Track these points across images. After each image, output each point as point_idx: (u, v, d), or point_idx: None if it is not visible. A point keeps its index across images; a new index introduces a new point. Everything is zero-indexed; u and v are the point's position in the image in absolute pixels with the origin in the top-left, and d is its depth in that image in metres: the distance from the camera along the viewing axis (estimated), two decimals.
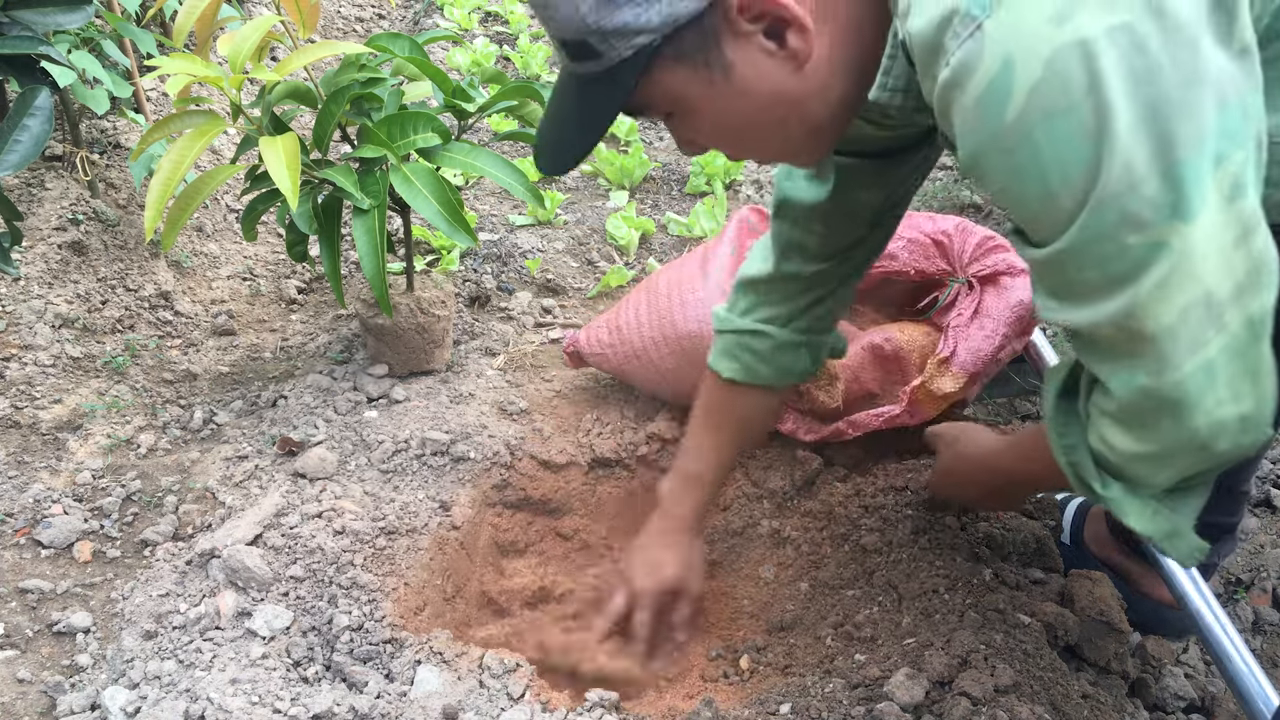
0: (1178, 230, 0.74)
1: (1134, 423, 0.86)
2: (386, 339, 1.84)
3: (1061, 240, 0.78)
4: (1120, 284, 0.77)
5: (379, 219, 1.55)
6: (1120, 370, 0.83)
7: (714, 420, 1.45)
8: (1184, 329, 0.77)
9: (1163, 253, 0.74)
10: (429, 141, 1.59)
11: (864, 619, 1.40)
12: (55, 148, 2.07)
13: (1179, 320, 0.77)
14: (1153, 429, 0.85)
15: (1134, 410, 0.85)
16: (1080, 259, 0.78)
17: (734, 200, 2.75)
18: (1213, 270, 0.75)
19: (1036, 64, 0.72)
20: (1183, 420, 0.82)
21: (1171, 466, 0.88)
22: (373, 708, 1.23)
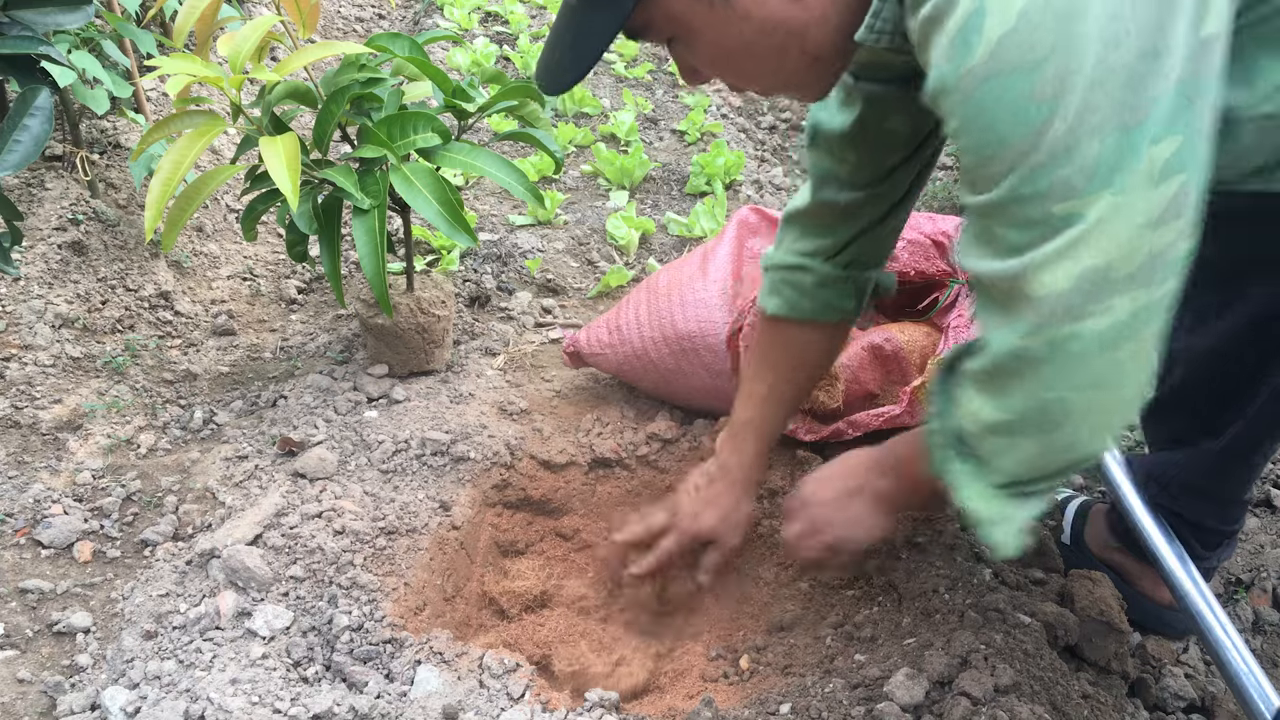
0: (1100, 199, 0.76)
1: (996, 385, 0.89)
2: (386, 339, 1.84)
3: (994, 192, 0.81)
4: (1029, 247, 0.80)
5: (379, 219, 1.55)
6: (1002, 326, 0.85)
7: (765, 361, 1.42)
8: (1071, 297, 0.79)
9: (1077, 221, 0.77)
10: (429, 141, 1.59)
11: (864, 619, 1.40)
12: (55, 148, 2.07)
13: (1069, 287, 0.79)
14: (1013, 393, 0.87)
15: (999, 369, 0.87)
16: (1005, 215, 0.81)
17: (734, 200, 2.75)
18: (1118, 246, 0.77)
19: (1011, 13, 0.74)
20: (1040, 388, 0.84)
21: (1019, 448, 0.90)
22: (373, 708, 1.23)
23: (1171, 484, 1.38)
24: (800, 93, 1.05)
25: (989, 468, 0.95)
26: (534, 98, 1.73)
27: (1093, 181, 0.75)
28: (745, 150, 3.05)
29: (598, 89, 3.39)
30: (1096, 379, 0.82)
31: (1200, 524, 1.39)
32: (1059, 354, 0.82)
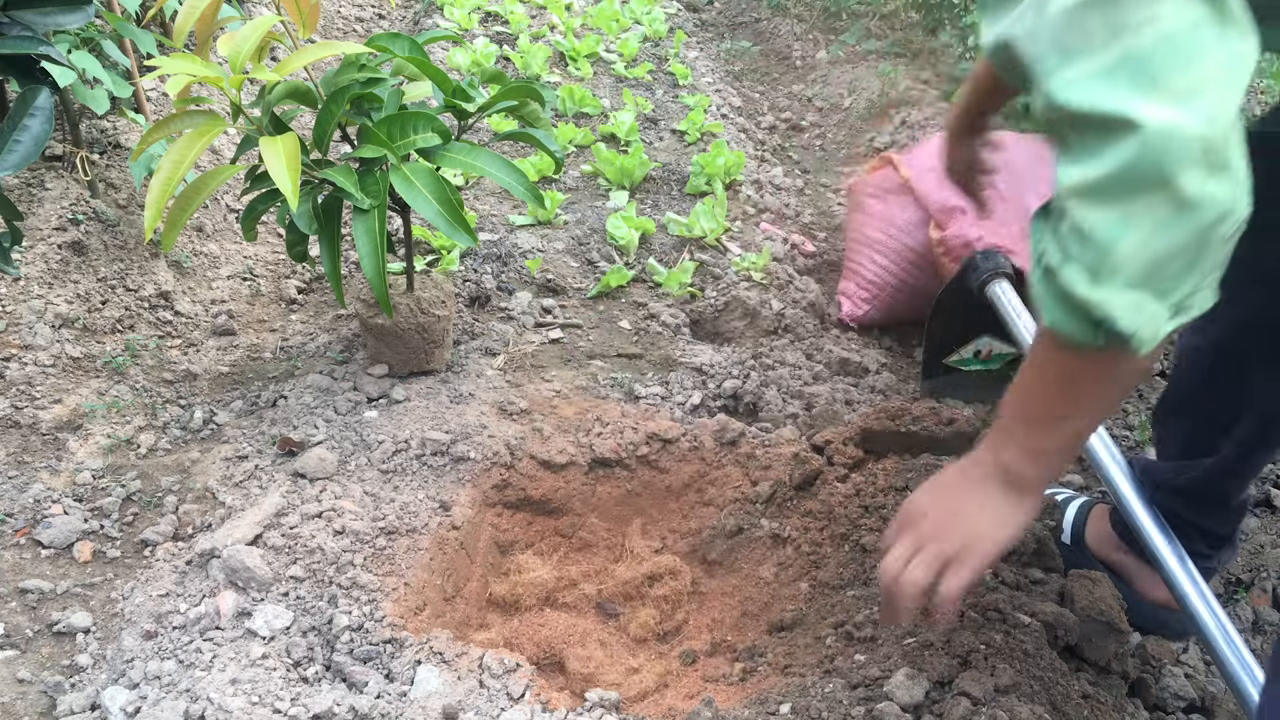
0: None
1: (1090, 132, 0.80)
2: (386, 339, 1.84)
3: None
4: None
5: (379, 219, 1.55)
6: (1090, 60, 0.78)
7: (977, 85, 1.45)
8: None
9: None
10: (429, 141, 1.59)
11: (864, 619, 1.40)
12: (55, 148, 2.07)
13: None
14: (1106, 140, 0.78)
15: (1091, 114, 0.79)
16: None
17: (734, 200, 2.75)
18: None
19: None
20: (1124, 125, 0.76)
21: (1133, 215, 0.79)
22: (373, 708, 1.23)
23: (1169, 485, 1.39)
24: None
25: (1108, 253, 0.81)
26: (534, 98, 1.73)
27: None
28: (745, 150, 3.05)
29: (598, 89, 3.39)
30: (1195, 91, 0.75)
31: (1200, 524, 1.39)
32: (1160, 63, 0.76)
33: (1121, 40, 0.76)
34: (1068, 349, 0.89)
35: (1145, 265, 0.79)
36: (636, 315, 2.25)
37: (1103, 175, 0.78)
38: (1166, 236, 0.78)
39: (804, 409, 1.97)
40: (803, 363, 2.13)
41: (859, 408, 1.99)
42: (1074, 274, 0.83)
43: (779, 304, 2.29)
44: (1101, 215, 0.79)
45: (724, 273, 2.39)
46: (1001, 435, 1.03)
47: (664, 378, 2.02)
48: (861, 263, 2.34)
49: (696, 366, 2.05)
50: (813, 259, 2.62)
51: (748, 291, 2.28)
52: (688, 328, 2.24)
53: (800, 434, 1.86)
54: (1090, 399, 0.93)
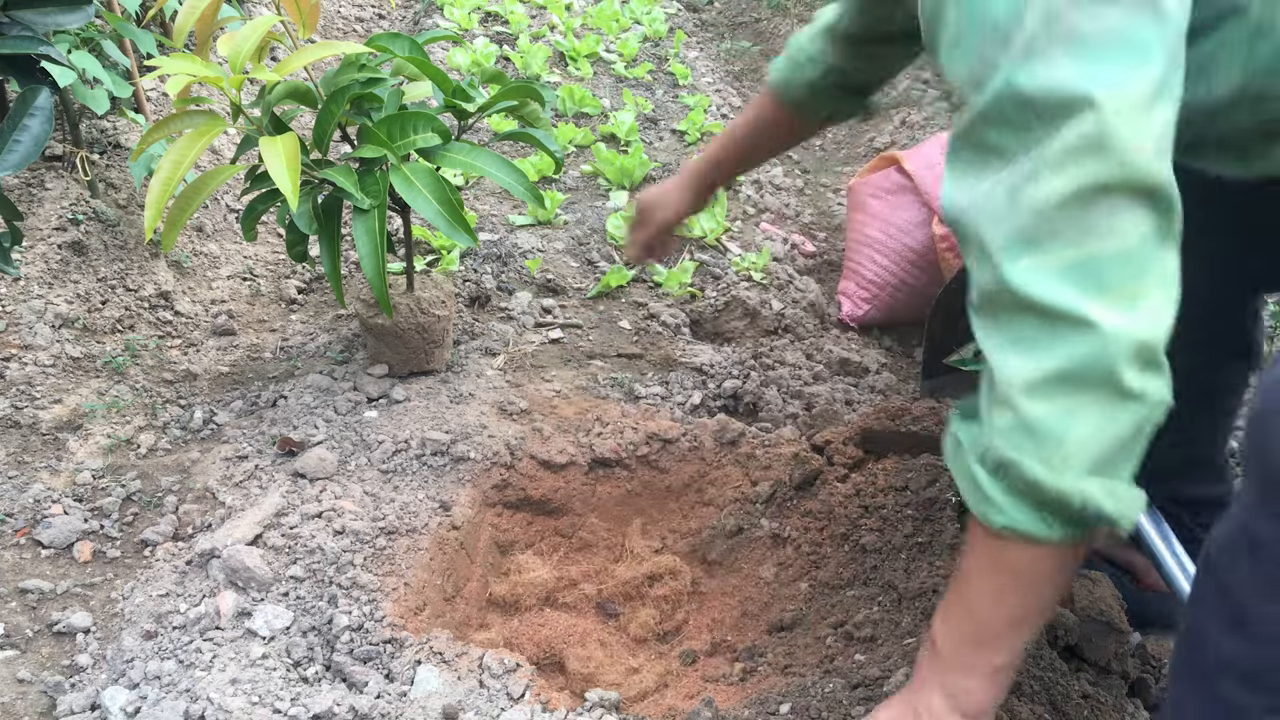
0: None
1: (1037, 322, 0.82)
2: (386, 339, 1.84)
3: (984, 92, 0.83)
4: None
5: (379, 219, 1.55)
6: (1053, 256, 0.82)
7: (748, 118, 1.65)
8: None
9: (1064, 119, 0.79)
10: (429, 141, 1.59)
11: (864, 619, 1.40)
12: (55, 148, 2.07)
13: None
14: (1055, 334, 0.81)
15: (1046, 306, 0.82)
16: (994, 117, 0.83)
17: (734, 200, 2.75)
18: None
19: None
20: (1076, 323, 0.80)
21: (1079, 408, 0.81)
22: (373, 708, 1.23)
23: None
24: None
25: (1064, 455, 0.83)
26: (534, 98, 1.74)
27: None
28: None
29: (598, 89, 3.39)
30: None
31: (1191, 499, 1.40)
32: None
33: (1086, 245, 0.79)
34: (1024, 550, 0.88)
35: (1096, 454, 0.82)
36: (636, 315, 2.25)
37: (1053, 369, 0.81)
38: (1109, 428, 0.82)
39: (804, 409, 1.97)
40: (803, 363, 2.13)
41: (859, 408, 1.99)
42: (1036, 467, 0.83)
43: (779, 304, 2.29)
44: (1049, 408, 0.82)
45: (724, 273, 2.39)
46: (944, 668, 0.97)
47: (664, 378, 2.02)
48: (861, 263, 2.34)
49: (696, 366, 2.05)
50: (813, 259, 2.62)
51: (748, 291, 2.28)
52: (688, 328, 2.24)
53: (800, 434, 1.86)
54: (1046, 598, 0.92)
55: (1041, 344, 0.82)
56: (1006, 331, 0.84)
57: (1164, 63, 0.80)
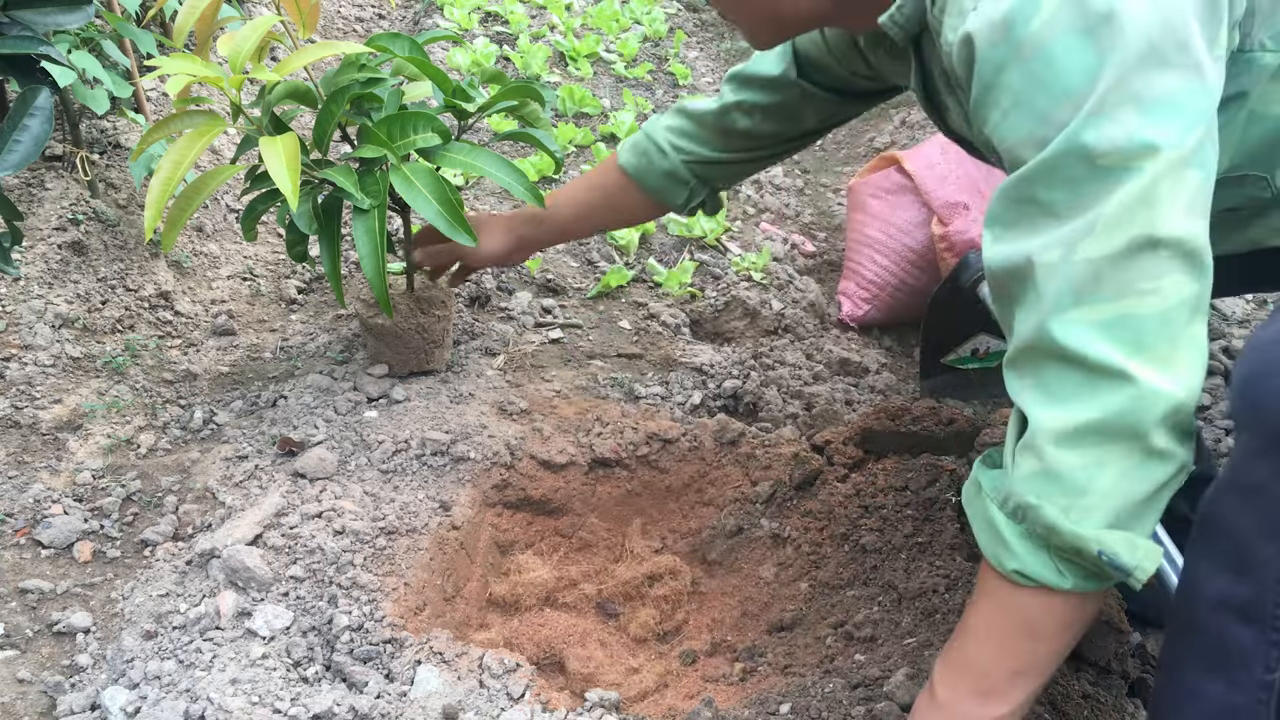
0: (1150, 156, 0.82)
1: (1075, 374, 0.85)
2: (386, 339, 1.84)
3: (1045, 150, 0.85)
4: (1084, 206, 0.84)
5: (379, 219, 1.55)
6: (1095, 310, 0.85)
7: (595, 185, 1.71)
8: (1132, 261, 0.83)
9: (1122, 175, 0.82)
10: (429, 141, 1.59)
11: (864, 619, 1.40)
12: (55, 148, 2.07)
13: (1124, 249, 0.83)
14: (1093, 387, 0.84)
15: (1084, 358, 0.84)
16: (1052, 175, 0.85)
17: (734, 200, 2.75)
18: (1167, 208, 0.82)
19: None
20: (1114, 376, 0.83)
21: (1106, 462, 0.84)
22: (373, 708, 1.23)
23: None
24: (754, 35, 1.20)
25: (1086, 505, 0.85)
26: (534, 97, 1.74)
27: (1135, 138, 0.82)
28: None
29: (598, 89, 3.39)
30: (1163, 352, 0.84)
31: None
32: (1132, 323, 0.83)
33: (1126, 300, 0.83)
34: (1034, 599, 0.90)
35: (1117, 507, 0.85)
36: (636, 315, 2.25)
37: (1086, 420, 0.84)
38: (1132, 483, 0.84)
39: (804, 409, 1.97)
40: (803, 363, 2.13)
41: (859, 408, 1.99)
42: (1056, 514, 0.86)
43: (779, 304, 2.29)
44: (1077, 458, 0.84)
45: (724, 273, 2.39)
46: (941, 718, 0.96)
47: (664, 378, 2.02)
48: (861, 263, 2.34)
49: (696, 366, 2.05)
50: (813, 259, 2.62)
51: (748, 291, 2.28)
52: (688, 328, 2.24)
53: (800, 434, 1.86)
54: (1053, 652, 0.92)
55: (1077, 395, 0.84)
56: (1042, 383, 0.87)
57: (1204, 129, 0.83)
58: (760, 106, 1.48)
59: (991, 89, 0.89)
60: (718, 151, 1.56)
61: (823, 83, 1.42)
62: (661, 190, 1.61)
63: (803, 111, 1.47)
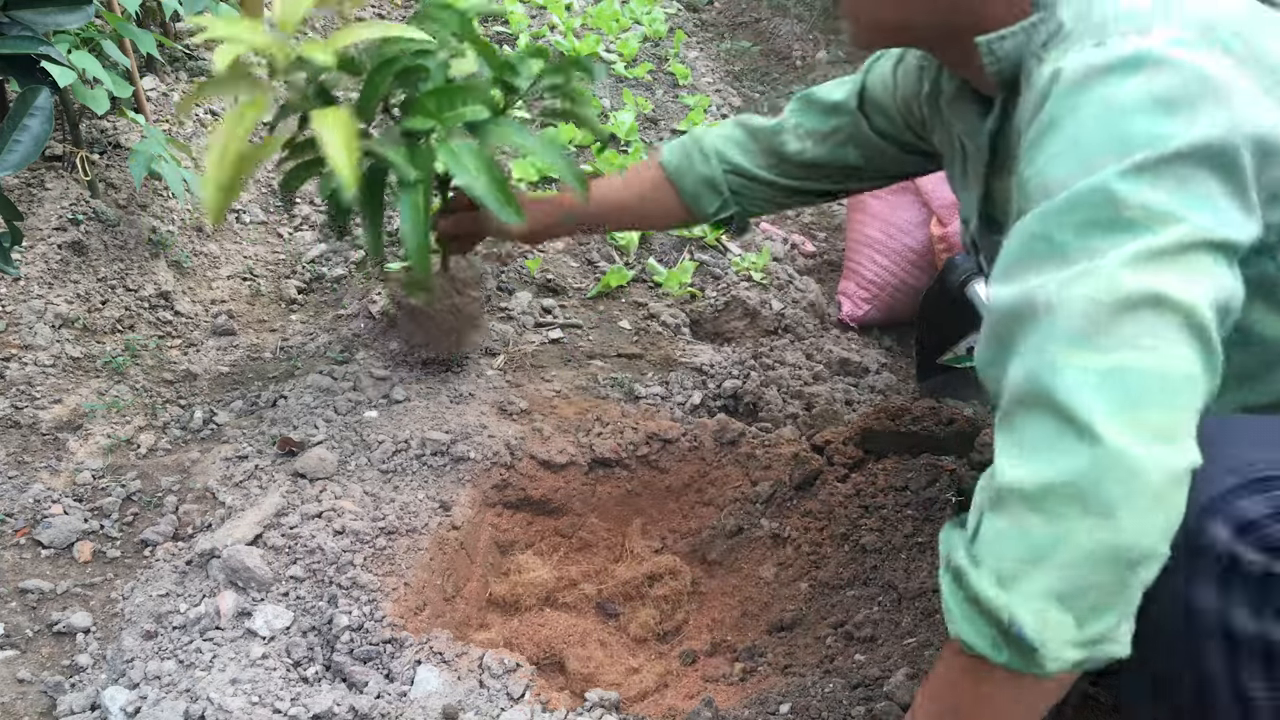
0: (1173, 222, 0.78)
1: (1046, 422, 0.78)
2: (419, 319, 1.79)
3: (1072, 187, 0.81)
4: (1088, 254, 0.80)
5: (424, 193, 1.47)
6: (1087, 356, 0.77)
7: (628, 181, 1.67)
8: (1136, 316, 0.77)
9: (1142, 231, 0.79)
10: (477, 115, 1.49)
11: (864, 619, 1.40)
12: (55, 148, 2.07)
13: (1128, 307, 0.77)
14: (1059, 441, 0.76)
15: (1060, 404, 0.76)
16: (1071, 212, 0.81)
17: None
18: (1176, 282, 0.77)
19: (1171, 66, 0.82)
20: (1082, 433, 0.75)
21: (1063, 536, 0.75)
22: (373, 708, 1.23)
23: None
24: (852, 28, 1.13)
25: (1024, 574, 0.77)
26: (583, 70, 1.64)
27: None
28: None
29: (598, 89, 3.39)
30: (1157, 430, 0.75)
31: None
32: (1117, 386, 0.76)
33: (1123, 352, 0.76)
34: (979, 666, 0.83)
35: (1061, 585, 0.75)
36: (636, 315, 2.25)
37: (1045, 482, 0.76)
38: (1089, 565, 0.74)
39: (804, 409, 1.97)
40: (803, 363, 2.13)
41: (859, 408, 1.99)
42: (985, 578, 0.79)
43: (779, 304, 2.29)
44: (1032, 523, 0.76)
45: (724, 273, 2.39)
46: None
47: (664, 378, 2.02)
48: (861, 263, 2.34)
49: (696, 366, 2.05)
50: (813, 259, 2.62)
51: (748, 291, 2.28)
52: (688, 328, 2.24)
53: (800, 434, 1.86)
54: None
55: (1045, 449, 0.77)
56: (1017, 431, 0.80)
57: (1228, 260, 0.80)
58: (813, 133, 1.48)
59: (1054, 129, 0.85)
60: (760, 169, 1.54)
61: (877, 124, 1.42)
62: (696, 195, 1.59)
63: (848, 148, 1.46)
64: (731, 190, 1.57)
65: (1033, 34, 0.96)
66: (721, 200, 1.58)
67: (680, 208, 1.61)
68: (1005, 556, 0.78)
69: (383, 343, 2.01)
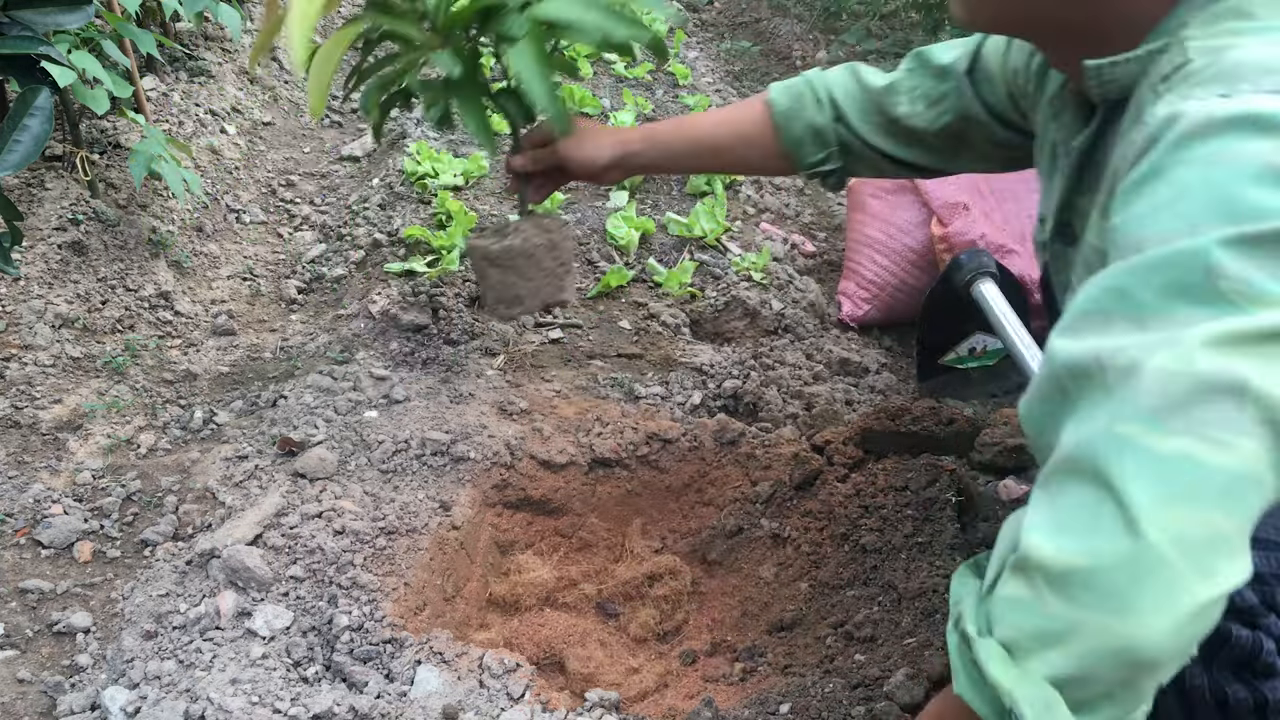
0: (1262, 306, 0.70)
1: (1085, 492, 0.71)
2: (516, 265, 1.60)
3: (1166, 246, 0.73)
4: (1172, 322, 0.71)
5: (536, 40, 1.32)
6: (1155, 434, 0.69)
7: (723, 119, 1.51)
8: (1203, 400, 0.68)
9: (1235, 308, 0.70)
10: None
11: (864, 619, 1.40)
12: (55, 148, 2.08)
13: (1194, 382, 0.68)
14: (1097, 520, 0.70)
15: (1109, 478, 0.70)
16: (1159, 272, 0.73)
17: (734, 200, 2.75)
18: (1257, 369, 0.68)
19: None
20: (1128, 521, 0.68)
21: (1077, 625, 0.70)
22: (373, 708, 1.23)
23: None
24: (961, 15, 1.02)
25: (1032, 654, 0.73)
26: None
27: None
28: None
29: (598, 89, 3.39)
30: (1209, 537, 0.68)
31: None
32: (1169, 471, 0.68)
33: (1190, 439, 0.68)
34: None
35: (1070, 670, 0.71)
36: (636, 315, 2.25)
37: (1076, 566, 0.70)
38: (1103, 660, 0.70)
39: (804, 409, 1.97)
40: (803, 363, 2.13)
41: (859, 408, 1.99)
42: (990, 650, 0.74)
43: (779, 304, 2.29)
44: (1053, 603, 0.71)
45: (724, 273, 2.39)
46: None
47: (664, 378, 2.02)
48: (861, 263, 2.34)
49: (696, 366, 2.05)
50: (813, 259, 2.62)
51: (748, 291, 2.28)
52: (688, 328, 2.25)
53: (800, 434, 1.86)
54: None
55: (1081, 528, 0.71)
56: (1056, 499, 0.74)
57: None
58: (925, 96, 1.35)
59: (1158, 179, 0.77)
60: (867, 129, 1.41)
61: (982, 93, 1.31)
62: (799, 142, 1.44)
63: (951, 116, 1.35)
64: (840, 143, 1.43)
65: (1151, 65, 0.87)
66: (827, 152, 1.44)
67: (779, 154, 1.47)
68: (1018, 627, 0.73)
69: (383, 343, 2.01)
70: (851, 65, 1.43)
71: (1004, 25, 1.03)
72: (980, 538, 1.48)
